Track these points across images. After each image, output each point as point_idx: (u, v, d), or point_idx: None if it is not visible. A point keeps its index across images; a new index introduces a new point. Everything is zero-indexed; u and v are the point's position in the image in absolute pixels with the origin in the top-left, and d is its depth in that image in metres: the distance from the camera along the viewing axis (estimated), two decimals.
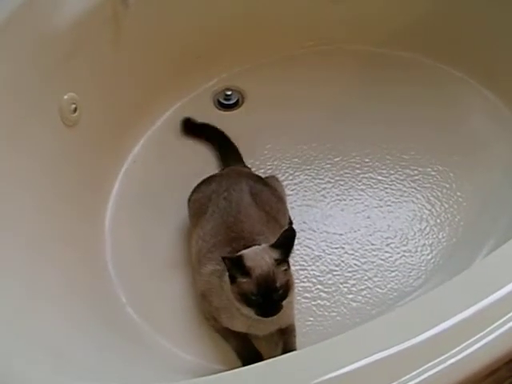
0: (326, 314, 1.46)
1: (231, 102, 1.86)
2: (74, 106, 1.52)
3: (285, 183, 1.67)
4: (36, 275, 1.28)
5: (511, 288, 1.01)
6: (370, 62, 1.89)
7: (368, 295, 1.48)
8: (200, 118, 1.82)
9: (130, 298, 1.48)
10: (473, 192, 1.62)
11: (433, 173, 1.66)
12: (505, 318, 0.98)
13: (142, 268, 1.54)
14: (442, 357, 0.94)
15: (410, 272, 1.51)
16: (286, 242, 1.28)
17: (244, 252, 1.27)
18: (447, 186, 1.64)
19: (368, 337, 1.01)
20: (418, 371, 0.93)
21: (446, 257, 1.52)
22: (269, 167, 1.71)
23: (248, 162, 1.71)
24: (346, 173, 1.68)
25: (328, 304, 1.47)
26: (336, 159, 1.71)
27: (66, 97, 1.50)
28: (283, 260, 1.26)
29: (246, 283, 1.24)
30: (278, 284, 1.24)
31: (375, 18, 1.88)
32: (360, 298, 1.47)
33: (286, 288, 1.25)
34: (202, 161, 1.73)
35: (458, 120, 1.76)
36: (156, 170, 1.73)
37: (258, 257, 1.25)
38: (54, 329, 1.20)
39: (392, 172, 1.67)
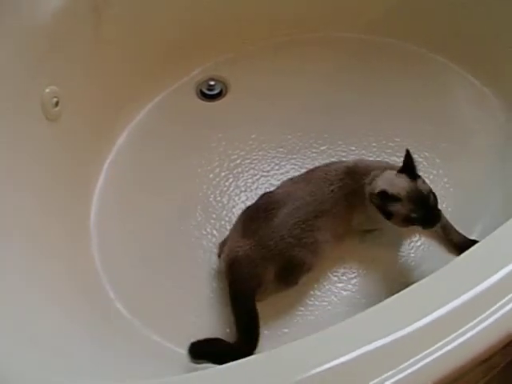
0: (317, 303, 1.45)
1: (214, 92, 1.84)
2: (55, 99, 1.50)
3: (271, 173, 1.67)
4: (21, 273, 1.26)
5: (501, 275, 1.02)
6: (357, 50, 1.88)
7: (358, 284, 1.48)
8: (183, 109, 1.82)
9: (118, 294, 1.47)
10: (460, 178, 1.62)
11: (419, 159, 1.65)
12: (496, 306, 0.98)
13: (129, 263, 1.53)
14: (436, 345, 0.95)
15: (400, 260, 1.51)
16: (408, 164, 1.38)
17: (382, 186, 1.36)
18: (434, 172, 1.63)
19: (362, 326, 1.01)
20: (413, 360, 0.94)
21: (435, 243, 1.52)
22: (254, 157, 1.70)
23: (233, 152, 1.71)
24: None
25: (318, 293, 1.47)
26: (322, 148, 1.70)
27: (47, 90, 1.48)
28: (415, 177, 1.37)
29: (401, 208, 1.34)
30: (425, 192, 1.35)
31: (363, 5, 1.87)
32: (350, 286, 1.47)
33: (433, 193, 1.37)
34: (187, 151, 1.72)
35: (445, 108, 1.76)
36: (140, 162, 1.72)
37: (396, 181, 1.37)
38: (41, 326, 1.19)
39: (378, 160, 1.67)
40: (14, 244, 1.28)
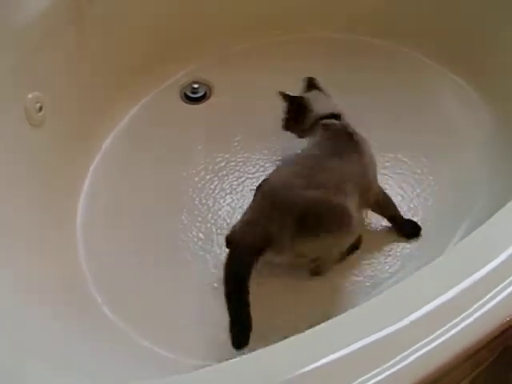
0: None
1: (199, 95, 1.84)
2: (38, 104, 1.49)
3: (256, 175, 1.67)
4: (8, 277, 1.25)
5: (486, 271, 1.03)
6: (341, 49, 1.88)
7: (344, 283, 1.48)
8: (167, 112, 1.82)
9: (105, 298, 1.46)
10: (445, 176, 1.62)
11: (404, 158, 1.66)
12: (481, 302, 0.99)
13: (115, 266, 1.53)
14: (424, 341, 0.95)
15: (386, 258, 1.51)
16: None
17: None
18: (419, 171, 1.64)
19: (350, 325, 1.01)
20: (401, 356, 0.94)
21: (421, 241, 1.53)
22: (239, 160, 1.70)
23: (217, 155, 1.71)
24: None
25: (306, 293, 1.46)
26: None
27: (30, 96, 1.47)
28: None
29: None
30: None
31: (345, 5, 1.88)
32: (338, 285, 1.47)
33: None
34: (172, 155, 1.72)
35: (428, 106, 1.77)
36: (126, 166, 1.72)
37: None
38: (28, 330, 1.18)
39: None
40: None
